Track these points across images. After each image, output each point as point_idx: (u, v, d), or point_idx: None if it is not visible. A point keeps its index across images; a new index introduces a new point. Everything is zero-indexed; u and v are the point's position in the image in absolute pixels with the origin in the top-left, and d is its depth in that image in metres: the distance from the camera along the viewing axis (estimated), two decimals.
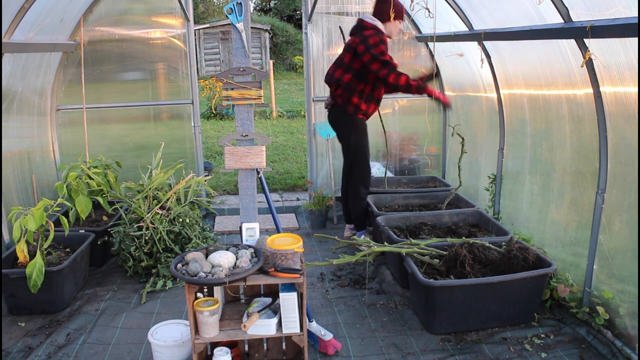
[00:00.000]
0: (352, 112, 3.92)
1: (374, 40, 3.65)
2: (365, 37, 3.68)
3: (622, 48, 2.47)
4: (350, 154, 4.08)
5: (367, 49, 3.65)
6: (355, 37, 3.75)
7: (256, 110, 11.21)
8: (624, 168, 2.68)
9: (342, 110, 3.94)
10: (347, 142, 4.06)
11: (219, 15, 23.55)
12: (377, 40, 3.66)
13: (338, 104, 3.96)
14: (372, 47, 3.64)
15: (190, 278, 2.23)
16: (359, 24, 3.82)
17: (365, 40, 3.67)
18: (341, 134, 4.09)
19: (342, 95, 3.90)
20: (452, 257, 3.07)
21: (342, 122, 4.02)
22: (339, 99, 3.93)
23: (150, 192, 3.67)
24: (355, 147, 4.02)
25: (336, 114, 4.04)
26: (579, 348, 2.76)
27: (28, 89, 4.11)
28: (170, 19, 4.73)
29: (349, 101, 3.89)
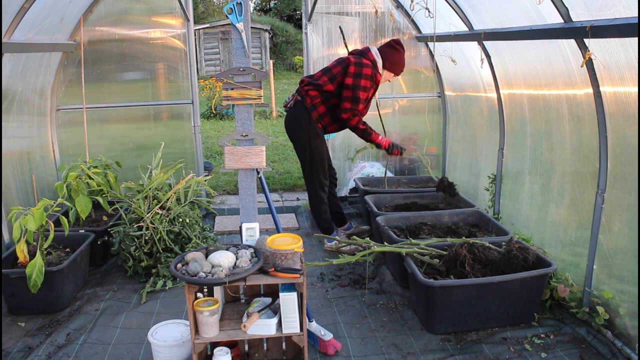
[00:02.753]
0: (315, 119, 3.86)
1: (368, 72, 3.69)
2: (361, 65, 3.70)
3: (622, 48, 2.47)
4: (308, 159, 3.98)
5: (355, 75, 3.68)
6: (355, 59, 3.74)
7: (256, 110, 11.21)
8: (624, 168, 2.68)
9: (305, 112, 3.86)
10: (304, 147, 3.96)
11: (219, 15, 23.55)
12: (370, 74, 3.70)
13: (304, 105, 3.85)
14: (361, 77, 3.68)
15: (190, 278, 2.23)
16: (364, 52, 3.82)
17: (359, 66, 3.69)
18: (298, 138, 3.98)
19: (314, 97, 3.84)
20: (452, 257, 3.07)
21: (301, 125, 3.90)
22: (309, 99, 3.84)
23: (150, 192, 3.67)
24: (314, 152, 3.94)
25: (296, 114, 3.92)
26: (579, 348, 2.76)
27: (28, 89, 4.11)
28: (170, 19, 4.73)
29: (317, 107, 3.85)
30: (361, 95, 3.70)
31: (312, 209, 4.19)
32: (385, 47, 3.84)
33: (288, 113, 4.02)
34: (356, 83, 3.68)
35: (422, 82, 5.21)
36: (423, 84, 5.22)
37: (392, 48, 3.82)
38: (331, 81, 3.80)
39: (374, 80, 3.76)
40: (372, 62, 3.75)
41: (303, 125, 3.90)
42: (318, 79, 3.87)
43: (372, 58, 3.77)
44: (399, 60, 3.83)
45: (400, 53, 3.83)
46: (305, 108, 3.87)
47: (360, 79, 3.68)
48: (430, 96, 5.21)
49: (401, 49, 3.84)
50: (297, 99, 3.93)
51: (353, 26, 5.04)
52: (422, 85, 5.22)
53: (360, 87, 3.69)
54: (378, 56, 3.80)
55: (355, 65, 3.70)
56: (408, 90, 5.27)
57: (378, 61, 3.79)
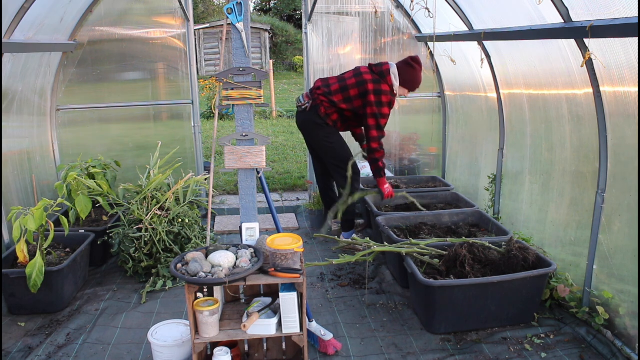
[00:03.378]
0: (330, 124, 3.93)
1: (386, 99, 3.75)
2: (380, 92, 3.73)
3: (622, 48, 2.47)
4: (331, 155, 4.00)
5: (376, 103, 3.74)
6: (374, 86, 3.74)
7: (256, 110, 11.20)
8: (624, 168, 2.68)
9: (320, 118, 3.90)
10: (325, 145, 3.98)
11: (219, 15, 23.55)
12: (388, 101, 3.77)
13: (318, 112, 3.88)
14: (381, 105, 3.75)
15: (190, 278, 2.23)
16: (383, 73, 3.79)
17: (379, 94, 3.73)
18: (317, 139, 4.01)
19: (327, 108, 3.88)
20: (452, 257, 3.07)
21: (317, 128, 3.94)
22: (323, 108, 3.88)
23: (148, 193, 3.67)
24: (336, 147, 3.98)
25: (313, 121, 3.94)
26: (579, 348, 2.76)
27: (28, 89, 4.11)
28: (170, 19, 4.73)
29: (330, 116, 3.90)
30: (383, 122, 3.80)
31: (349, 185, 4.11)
32: (403, 65, 3.82)
33: (302, 114, 4.01)
34: (378, 111, 3.74)
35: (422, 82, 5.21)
36: (423, 84, 5.19)
37: (408, 66, 3.81)
38: (345, 102, 3.84)
39: (391, 105, 3.82)
40: (390, 87, 3.77)
41: (318, 127, 3.94)
42: (333, 94, 3.86)
43: (390, 83, 3.77)
44: (414, 78, 3.83)
45: (416, 71, 3.82)
46: (319, 115, 3.90)
47: (381, 107, 3.75)
48: (430, 96, 5.21)
49: (418, 66, 3.82)
50: (312, 105, 3.93)
51: (353, 26, 5.03)
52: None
53: (381, 114, 3.77)
54: (396, 77, 3.79)
55: (374, 93, 3.73)
56: None
57: (395, 84, 3.79)
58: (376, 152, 3.85)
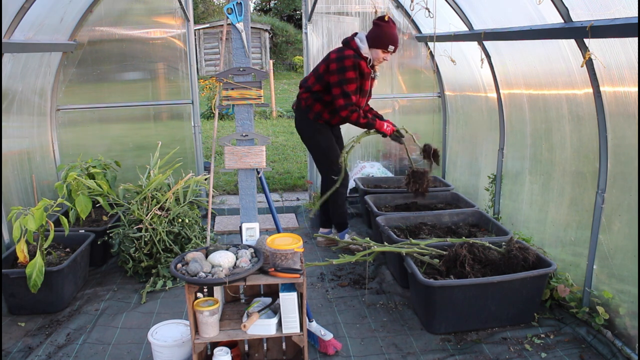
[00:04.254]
0: (313, 118, 3.88)
1: (350, 63, 3.59)
2: (343, 57, 3.61)
3: (622, 48, 2.47)
4: (318, 156, 4.03)
5: (338, 70, 3.61)
6: (336, 54, 3.67)
7: (256, 110, 11.20)
8: (624, 168, 2.68)
9: (304, 114, 3.92)
10: (311, 145, 4.04)
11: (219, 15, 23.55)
12: (352, 64, 3.59)
13: (301, 108, 3.92)
14: (344, 70, 3.60)
15: (190, 278, 2.23)
16: (348, 40, 3.73)
17: (341, 60, 3.61)
18: (304, 138, 4.07)
19: (307, 99, 3.88)
20: (452, 257, 3.07)
21: (303, 125, 3.99)
22: (303, 102, 3.89)
23: (148, 193, 3.67)
24: (324, 150, 3.96)
25: (298, 117, 4.00)
26: (579, 348, 2.76)
27: (28, 89, 4.11)
28: (170, 19, 4.73)
29: (312, 107, 3.87)
30: (349, 89, 3.62)
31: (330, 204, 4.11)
32: (372, 28, 3.69)
33: (295, 117, 4.07)
34: (340, 78, 3.61)
35: (422, 82, 5.21)
36: (423, 84, 5.21)
37: (373, 26, 3.66)
38: (318, 81, 3.79)
39: (359, 68, 3.62)
40: (355, 51, 3.64)
41: (304, 126, 3.97)
42: (308, 80, 3.89)
43: (354, 46, 3.65)
44: (380, 34, 3.61)
45: (380, 27, 3.63)
46: (302, 110, 3.93)
47: (345, 72, 3.59)
48: (430, 96, 5.21)
49: (382, 22, 3.64)
50: (297, 103, 4.00)
51: (353, 26, 5.04)
52: (422, 85, 5.22)
53: (345, 80, 3.61)
54: (362, 40, 3.66)
55: (336, 61, 3.63)
56: (408, 90, 5.27)
57: (362, 46, 3.65)
58: (350, 117, 3.70)
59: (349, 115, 3.70)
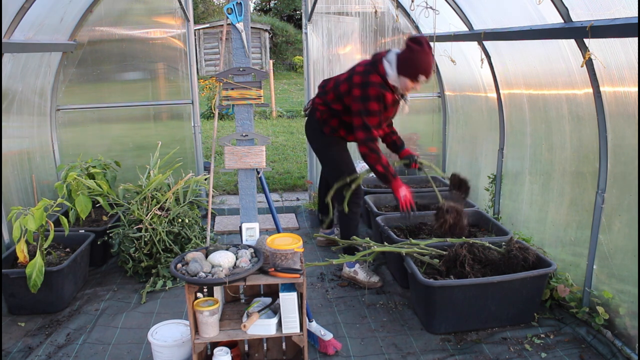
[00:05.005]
0: (329, 133, 3.51)
1: (374, 92, 3.12)
2: (367, 84, 3.13)
3: (622, 48, 2.47)
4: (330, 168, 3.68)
5: (361, 98, 3.15)
6: (361, 78, 3.18)
7: (256, 110, 11.21)
8: (624, 168, 2.68)
9: (318, 126, 3.55)
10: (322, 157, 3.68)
11: (219, 15, 23.55)
12: (376, 95, 3.13)
13: (316, 118, 3.54)
14: (367, 99, 3.14)
15: (190, 278, 2.23)
16: (376, 61, 3.20)
17: (365, 87, 3.14)
18: (315, 149, 3.71)
19: (323, 112, 3.49)
20: (452, 257, 3.07)
21: (315, 137, 3.63)
22: (319, 113, 3.51)
23: (148, 193, 3.67)
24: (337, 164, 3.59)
25: (311, 126, 3.64)
26: (579, 348, 2.76)
27: (28, 89, 4.11)
28: (170, 19, 4.73)
29: (328, 122, 3.49)
30: (371, 122, 3.16)
31: (340, 219, 3.76)
32: (401, 50, 3.16)
33: (306, 121, 3.76)
34: (362, 108, 3.16)
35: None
36: (423, 84, 5.20)
37: (406, 49, 3.11)
38: (338, 100, 3.36)
39: (384, 100, 3.17)
40: (382, 78, 3.15)
41: (317, 137, 3.63)
42: (327, 93, 3.45)
43: (382, 72, 3.15)
44: (414, 62, 3.07)
45: (415, 53, 3.06)
46: (316, 121, 3.55)
47: (368, 103, 3.14)
48: (430, 96, 5.20)
49: (417, 47, 3.06)
50: (311, 108, 3.63)
51: (353, 26, 5.03)
52: (423, 85, 5.20)
53: (368, 112, 3.14)
54: (392, 65, 3.14)
55: (360, 87, 3.15)
56: None
57: (390, 73, 3.14)
58: (367, 158, 3.23)
59: (367, 154, 3.21)
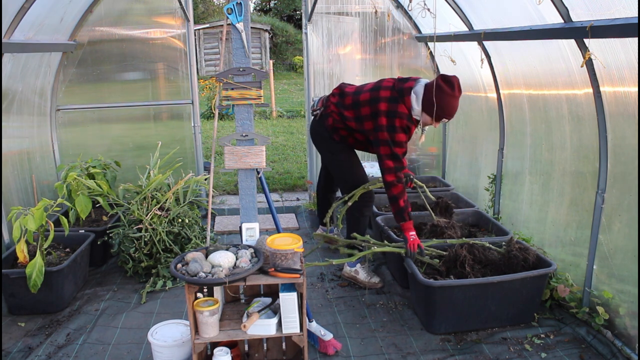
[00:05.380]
0: (339, 140, 3.49)
1: (401, 124, 3.05)
2: (395, 114, 3.05)
3: (622, 48, 2.47)
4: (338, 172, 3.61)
5: (388, 128, 3.06)
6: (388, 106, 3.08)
7: (256, 110, 11.21)
8: (624, 168, 2.68)
9: (328, 132, 3.49)
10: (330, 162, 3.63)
11: (219, 15, 23.55)
12: (402, 126, 3.07)
13: (326, 124, 3.46)
14: (394, 130, 3.05)
15: (190, 278, 2.23)
16: (403, 92, 3.09)
17: (392, 117, 3.05)
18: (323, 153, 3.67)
19: (337, 122, 3.41)
20: (452, 258, 3.07)
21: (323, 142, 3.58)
22: (331, 120, 3.43)
23: (148, 193, 3.67)
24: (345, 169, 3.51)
25: (319, 132, 3.56)
26: (579, 348, 2.76)
27: (28, 89, 4.11)
28: (170, 19, 4.73)
29: (339, 131, 3.44)
30: (399, 151, 3.09)
31: (347, 220, 3.68)
32: (430, 84, 3.02)
33: (313, 121, 3.66)
34: (390, 139, 3.07)
35: None
36: None
37: (437, 87, 2.95)
38: (356, 121, 3.27)
39: (408, 132, 3.13)
40: (409, 110, 3.07)
41: (325, 143, 3.56)
42: (346, 108, 3.32)
43: (409, 105, 3.06)
44: (442, 103, 2.94)
45: (445, 94, 2.93)
46: (326, 128, 3.47)
47: (395, 134, 3.06)
48: None
49: (448, 89, 2.93)
50: (322, 113, 3.52)
51: (353, 26, 5.04)
52: None
53: (396, 142, 3.07)
54: (418, 99, 3.03)
55: (386, 115, 3.07)
56: None
57: (416, 108, 3.05)
58: (392, 188, 3.10)
59: (394, 184, 3.10)
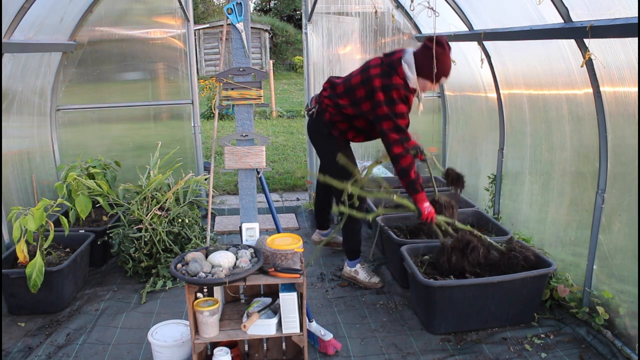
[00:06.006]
0: (337, 135, 3.39)
1: (398, 95, 3.02)
2: (390, 87, 3.02)
3: (622, 48, 2.47)
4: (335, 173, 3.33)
5: (387, 102, 3.02)
6: (382, 81, 3.04)
7: (256, 110, 11.20)
8: (624, 168, 2.68)
9: (326, 128, 3.38)
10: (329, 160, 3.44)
11: (219, 15, 23.55)
12: (400, 97, 3.03)
13: (324, 120, 3.36)
14: (393, 103, 3.02)
15: (190, 278, 2.23)
16: (393, 64, 3.07)
17: (388, 90, 3.02)
18: (321, 151, 3.53)
19: (334, 114, 3.31)
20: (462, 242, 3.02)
21: (322, 139, 3.46)
22: (328, 115, 3.33)
23: (148, 193, 3.67)
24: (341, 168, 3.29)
25: (317, 128, 3.44)
26: (579, 348, 2.76)
27: (28, 89, 4.11)
28: (170, 19, 4.73)
29: (337, 124, 3.35)
30: (402, 123, 3.07)
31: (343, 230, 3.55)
32: (420, 50, 3.03)
33: (309, 120, 3.57)
34: (391, 112, 3.02)
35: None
36: None
37: (425, 50, 2.98)
38: (352, 106, 3.21)
39: (407, 102, 3.09)
40: (404, 80, 3.05)
41: (325, 139, 3.46)
42: (339, 96, 3.27)
43: (402, 75, 3.04)
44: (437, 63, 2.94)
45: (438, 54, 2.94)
46: (324, 123, 3.38)
47: (395, 106, 3.02)
48: (430, 96, 5.21)
49: (438, 48, 2.94)
50: (318, 110, 3.43)
51: (353, 26, 5.04)
52: None
53: (397, 114, 3.03)
54: (411, 67, 3.03)
55: (383, 90, 3.02)
56: None
57: (410, 76, 3.04)
58: (401, 160, 3.05)
59: (403, 155, 3.05)
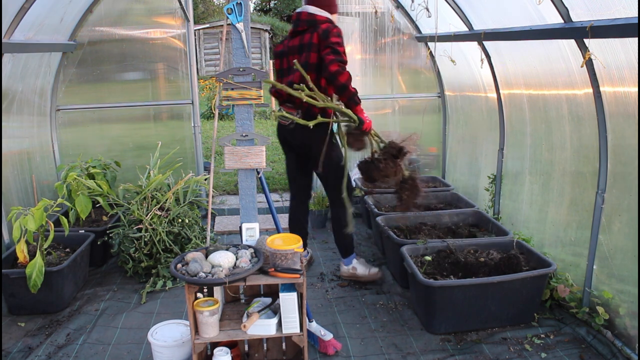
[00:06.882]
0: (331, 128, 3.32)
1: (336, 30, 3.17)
2: (327, 34, 3.14)
3: (622, 48, 2.47)
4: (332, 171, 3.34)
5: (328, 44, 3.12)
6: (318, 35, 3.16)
7: (256, 110, 11.20)
8: (624, 168, 2.68)
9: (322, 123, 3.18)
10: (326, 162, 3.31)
11: (219, 15, 23.54)
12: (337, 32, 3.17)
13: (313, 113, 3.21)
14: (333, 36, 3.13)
15: (190, 278, 2.23)
16: (311, 19, 3.24)
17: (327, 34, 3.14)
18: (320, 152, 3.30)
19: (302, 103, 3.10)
20: None
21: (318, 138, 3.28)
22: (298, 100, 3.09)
23: (148, 193, 3.67)
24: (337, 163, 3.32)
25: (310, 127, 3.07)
26: (579, 348, 2.76)
27: (28, 89, 4.11)
28: (170, 19, 4.73)
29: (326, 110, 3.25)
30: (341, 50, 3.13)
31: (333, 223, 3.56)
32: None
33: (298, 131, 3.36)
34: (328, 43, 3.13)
35: (422, 82, 5.21)
36: (423, 84, 5.21)
37: None
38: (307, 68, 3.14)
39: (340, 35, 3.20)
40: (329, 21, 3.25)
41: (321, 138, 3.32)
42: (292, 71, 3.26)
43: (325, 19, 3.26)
44: None
45: None
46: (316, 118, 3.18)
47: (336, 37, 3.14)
48: (430, 96, 5.21)
49: None
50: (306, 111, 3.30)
51: (353, 26, 5.03)
52: (422, 85, 5.21)
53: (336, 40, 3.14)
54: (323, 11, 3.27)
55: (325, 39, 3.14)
56: (408, 90, 5.27)
57: (329, 17, 3.28)
58: (339, 75, 3.02)
59: (340, 72, 3.04)
